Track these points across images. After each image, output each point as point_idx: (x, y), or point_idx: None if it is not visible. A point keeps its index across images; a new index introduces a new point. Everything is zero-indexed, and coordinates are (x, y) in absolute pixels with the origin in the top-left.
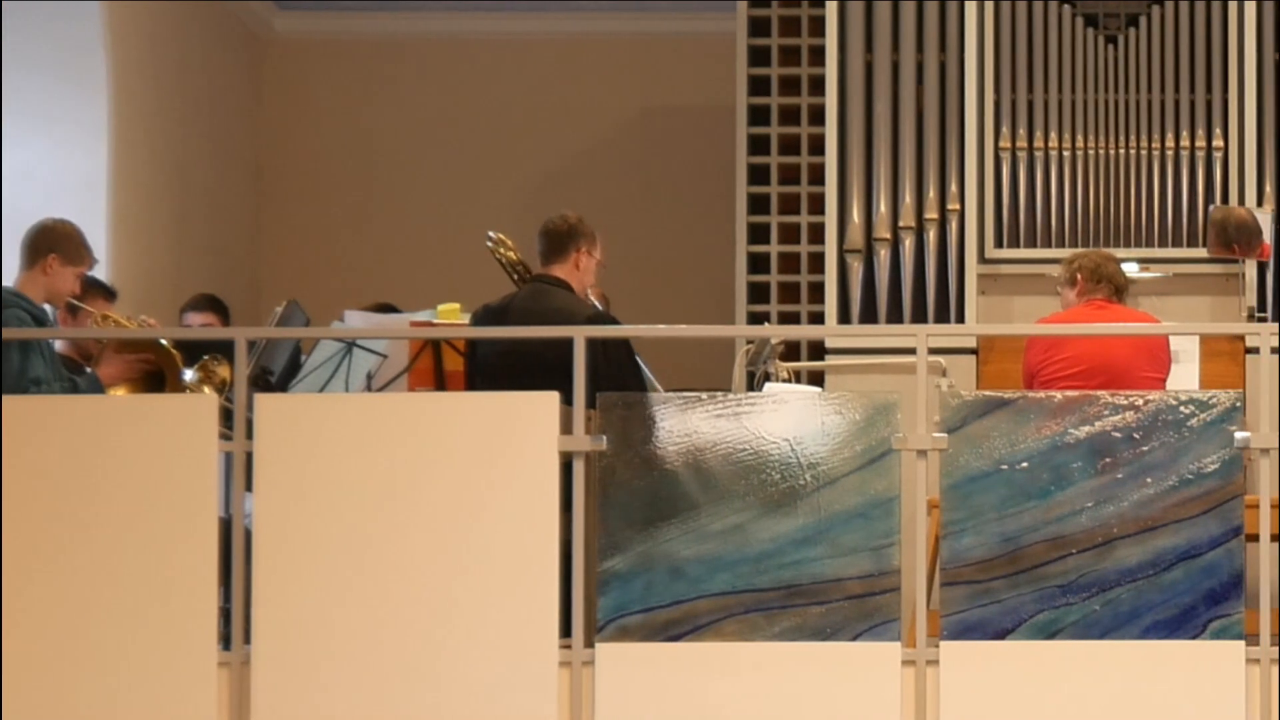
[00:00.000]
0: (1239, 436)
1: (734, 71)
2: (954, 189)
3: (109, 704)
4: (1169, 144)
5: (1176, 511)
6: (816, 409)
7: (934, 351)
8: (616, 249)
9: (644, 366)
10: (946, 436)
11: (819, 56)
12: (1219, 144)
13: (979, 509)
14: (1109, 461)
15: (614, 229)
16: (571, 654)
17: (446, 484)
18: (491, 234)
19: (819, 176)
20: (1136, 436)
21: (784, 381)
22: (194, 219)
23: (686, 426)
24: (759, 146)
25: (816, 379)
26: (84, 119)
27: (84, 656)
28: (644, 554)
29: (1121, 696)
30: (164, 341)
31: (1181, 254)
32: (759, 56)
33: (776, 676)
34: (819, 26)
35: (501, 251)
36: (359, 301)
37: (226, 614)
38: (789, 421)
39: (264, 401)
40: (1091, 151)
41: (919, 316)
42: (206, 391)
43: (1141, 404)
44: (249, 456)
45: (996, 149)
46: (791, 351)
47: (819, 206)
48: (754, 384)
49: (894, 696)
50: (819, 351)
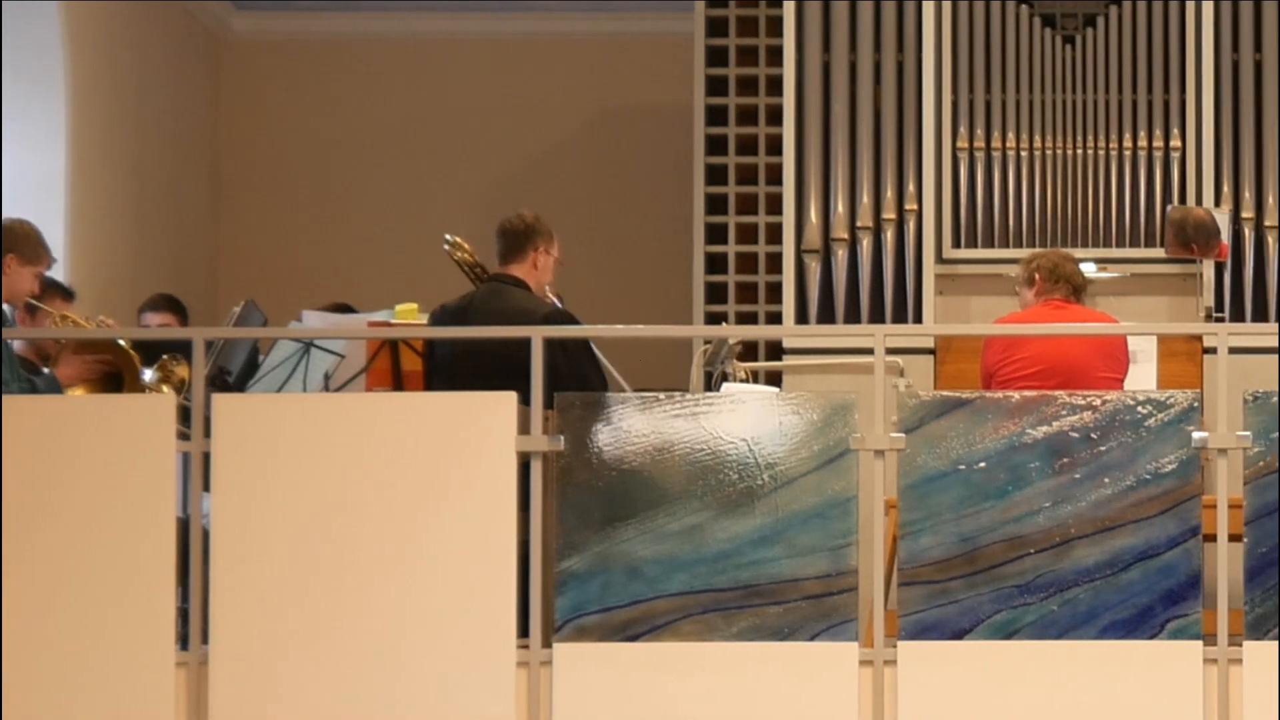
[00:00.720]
0: (1196, 436)
1: (691, 72)
2: (911, 189)
3: (67, 704)
4: (1127, 144)
5: (1134, 511)
6: (774, 409)
7: (891, 351)
8: (574, 249)
9: (605, 362)
10: (904, 436)
11: (776, 57)
12: (1176, 144)
13: (936, 509)
14: (1067, 462)
15: (572, 229)
16: (529, 654)
17: (404, 484)
18: (448, 236)
19: (776, 177)
20: (1094, 436)
21: (741, 382)
22: (152, 219)
23: (644, 427)
24: (716, 147)
25: (774, 379)
26: (42, 119)
27: (42, 656)
28: (601, 554)
29: (1079, 696)
30: (122, 342)
31: (1139, 254)
32: (716, 57)
33: (734, 676)
34: (776, 27)
35: (458, 254)
36: (317, 301)
37: (184, 614)
38: (746, 422)
39: (221, 401)
40: (1049, 152)
41: (876, 317)
42: (165, 391)
43: (1099, 404)
44: (206, 456)
45: (954, 149)
46: (749, 351)
47: (776, 207)
48: (711, 384)
49: (851, 696)
50: (777, 351)
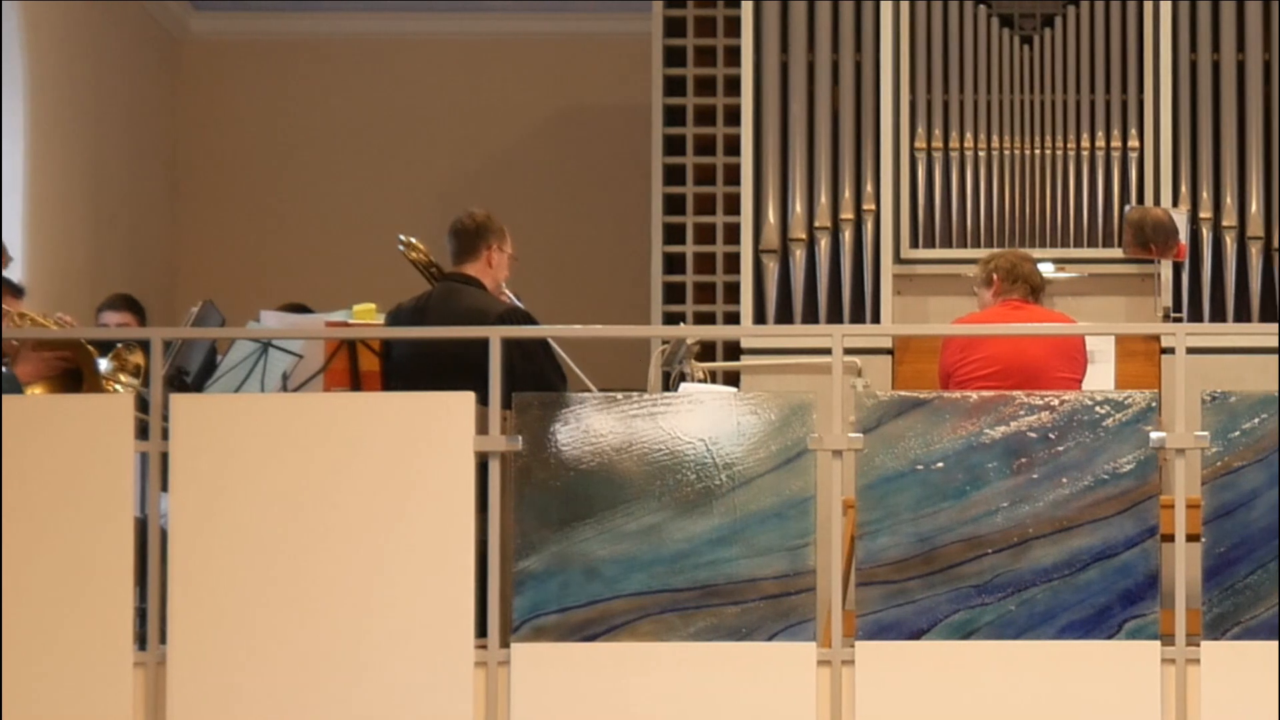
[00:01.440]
0: (1154, 436)
1: (649, 72)
2: (869, 189)
3: (25, 703)
4: (1084, 144)
5: (1092, 511)
6: (732, 409)
7: (849, 352)
8: (532, 249)
9: (566, 359)
10: (862, 436)
11: (734, 57)
12: (1134, 144)
13: (894, 509)
14: (1024, 462)
15: (529, 229)
16: (487, 654)
17: (362, 484)
18: (402, 237)
19: (734, 177)
20: (1052, 436)
21: (699, 382)
22: (110, 218)
23: (602, 427)
24: (674, 147)
25: (732, 379)
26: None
27: None
28: (559, 554)
29: (1037, 696)
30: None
31: (1097, 254)
32: (674, 57)
33: (692, 676)
34: (734, 27)
35: (413, 254)
36: (275, 302)
37: (142, 614)
38: (704, 422)
39: (179, 402)
40: (1007, 152)
41: (834, 317)
42: (123, 379)
43: (1057, 404)
44: (164, 457)
45: (912, 149)
46: (707, 352)
47: (734, 207)
48: (669, 384)
49: (809, 696)
50: (735, 352)
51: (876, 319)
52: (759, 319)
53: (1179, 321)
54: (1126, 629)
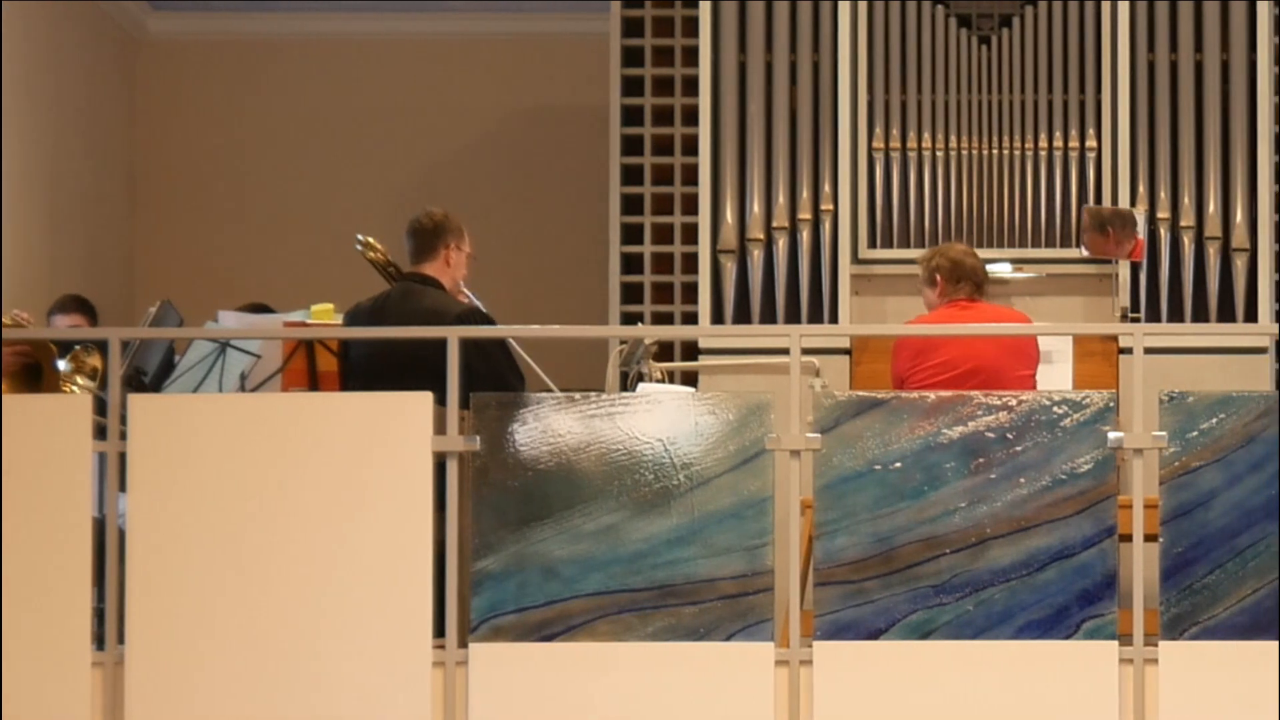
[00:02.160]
0: (1112, 437)
1: (607, 72)
2: (827, 189)
3: None
4: (1042, 144)
5: (1050, 511)
6: (690, 409)
7: (807, 352)
8: (490, 249)
9: (526, 359)
10: (820, 437)
11: (692, 57)
12: (1092, 144)
13: (852, 509)
14: (982, 462)
15: (488, 230)
16: (445, 654)
17: (320, 484)
18: (360, 237)
19: (692, 177)
20: (1010, 437)
21: (657, 382)
22: (67, 218)
23: (560, 427)
24: (632, 147)
25: (690, 379)
26: None
27: None
28: (517, 554)
29: (995, 696)
30: None
31: (1055, 254)
32: (632, 57)
33: (650, 676)
34: (692, 27)
35: (371, 254)
36: (233, 302)
37: (100, 614)
38: (662, 422)
39: (137, 402)
40: (965, 152)
41: (792, 317)
42: (80, 381)
43: (1015, 404)
44: (122, 457)
45: (870, 149)
46: (665, 352)
47: (692, 207)
48: (627, 384)
49: (767, 696)
50: (693, 352)
51: (834, 319)
52: (717, 319)
53: (1137, 322)
54: (1084, 629)
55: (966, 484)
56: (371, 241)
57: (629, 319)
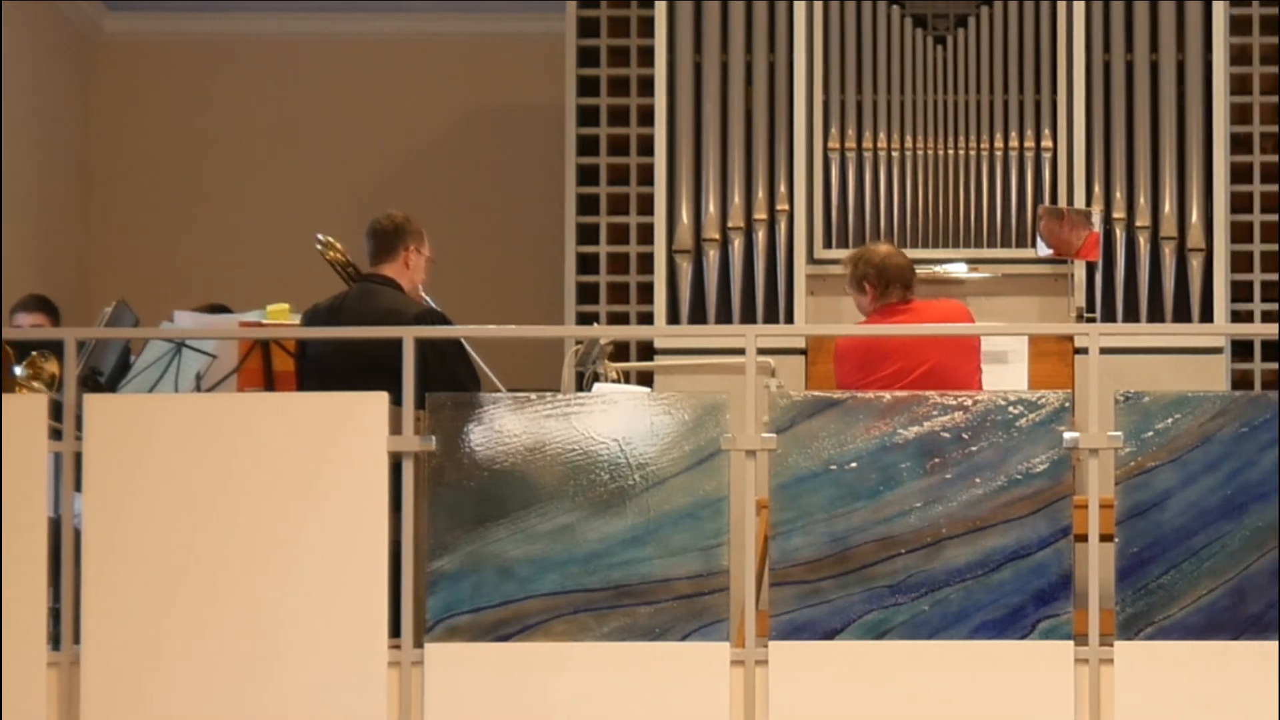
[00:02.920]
0: (1068, 437)
1: (563, 72)
2: (783, 189)
3: None
4: (998, 144)
5: (1005, 512)
6: (645, 409)
7: (763, 352)
8: (446, 250)
9: (479, 362)
10: (775, 437)
11: (648, 57)
12: (1048, 144)
13: (808, 509)
14: (938, 462)
15: (443, 230)
16: (400, 654)
17: (276, 484)
18: (320, 236)
19: (648, 177)
20: (965, 437)
21: (613, 382)
22: (22, 219)
23: (516, 427)
24: (588, 147)
25: (645, 379)
26: None
27: None
28: (473, 554)
29: (951, 696)
30: None
31: (1011, 254)
32: (588, 57)
33: (605, 676)
34: (648, 27)
35: (330, 254)
36: (189, 302)
37: (56, 614)
38: (618, 422)
39: (93, 402)
40: (920, 152)
41: (748, 317)
42: (36, 386)
43: (970, 404)
44: (78, 456)
45: (825, 149)
46: (620, 352)
47: (648, 207)
48: (583, 384)
49: (723, 696)
50: (648, 352)
51: (790, 319)
52: (672, 319)
53: (1092, 322)
54: (1040, 629)
55: (922, 484)
56: (331, 241)
57: (585, 319)
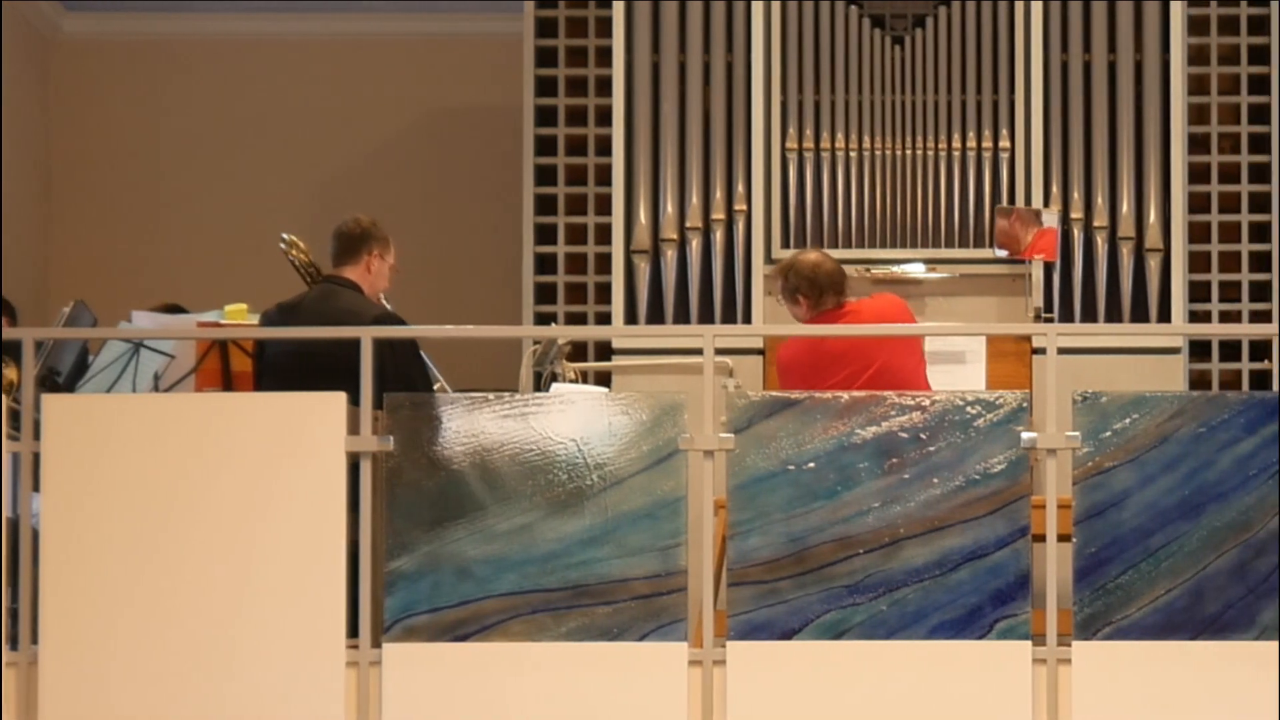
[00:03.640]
0: (1025, 437)
1: (521, 73)
2: (740, 190)
3: None
4: (955, 145)
5: (963, 512)
6: (603, 409)
7: (720, 352)
8: (404, 250)
9: (430, 365)
10: (733, 437)
11: (606, 58)
12: (1005, 145)
13: (766, 509)
14: (896, 462)
15: (401, 230)
16: (359, 654)
17: (234, 484)
18: (285, 235)
19: (606, 177)
20: (923, 437)
21: (571, 382)
22: None
23: (473, 427)
24: (546, 147)
25: (603, 379)
26: None
27: None
28: (431, 554)
29: (909, 696)
30: None
31: (968, 254)
32: (546, 57)
33: (563, 676)
34: (606, 28)
35: (294, 254)
36: (148, 302)
37: (14, 614)
38: (576, 422)
39: (51, 402)
40: (878, 152)
41: (706, 317)
42: None
43: (928, 404)
44: (36, 457)
45: (783, 150)
46: (578, 352)
47: (606, 207)
48: (541, 384)
49: (681, 696)
50: (606, 352)
51: (748, 319)
52: (630, 319)
53: (1050, 322)
54: (998, 629)
55: (880, 484)
56: (295, 241)
57: (542, 319)
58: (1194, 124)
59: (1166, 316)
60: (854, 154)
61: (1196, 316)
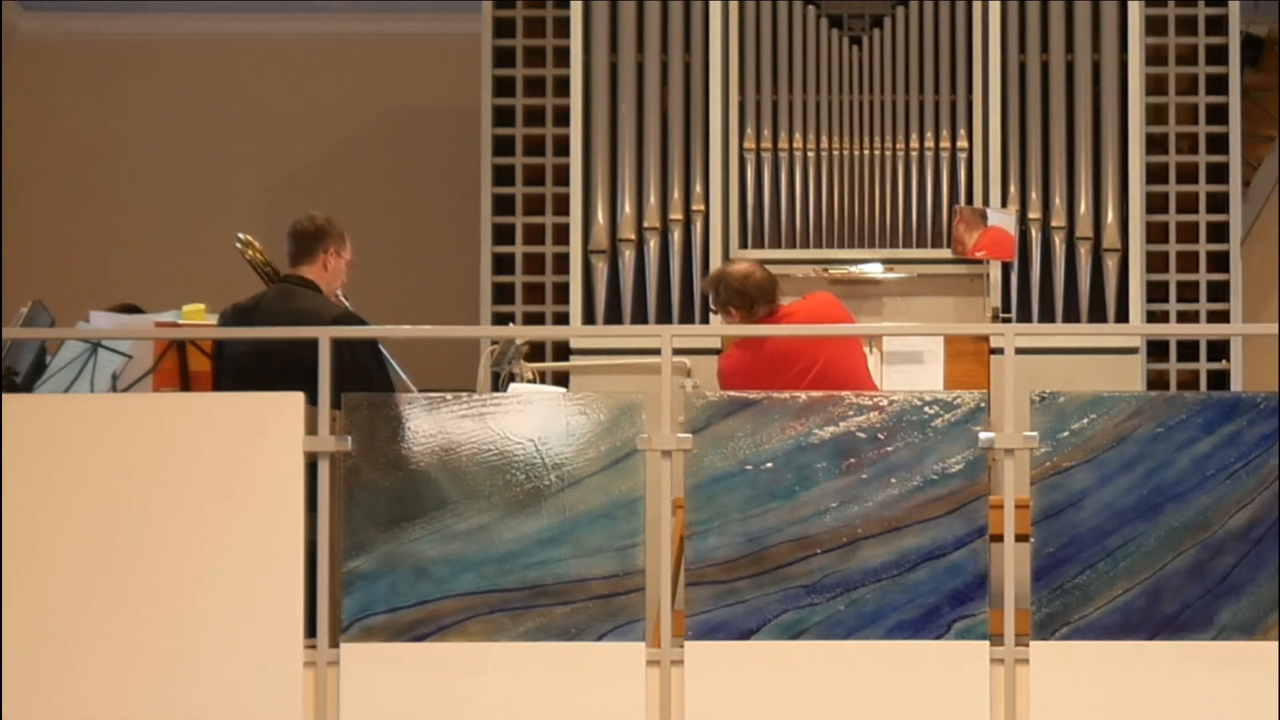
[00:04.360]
0: (983, 437)
1: (478, 73)
2: (698, 190)
3: None
4: (913, 145)
5: (921, 512)
6: (561, 409)
7: (678, 352)
8: (362, 249)
9: (393, 363)
10: (691, 437)
11: (564, 58)
12: (963, 145)
13: (723, 509)
14: (853, 462)
15: (359, 229)
16: (316, 654)
17: (191, 484)
18: (240, 235)
19: (564, 177)
20: (881, 437)
21: (529, 382)
22: None
23: (431, 427)
24: (504, 147)
25: (561, 379)
26: None
27: None
28: (389, 554)
29: (866, 696)
30: None
31: (926, 254)
32: (504, 57)
33: (521, 676)
34: (564, 28)
35: (250, 253)
36: (106, 302)
37: None
38: (534, 422)
39: (9, 402)
40: (836, 152)
41: (664, 317)
42: None
43: (886, 404)
44: None
45: (741, 150)
46: (536, 352)
47: (564, 207)
48: (499, 384)
49: (638, 696)
50: (564, 352)
51: (706, 320)
52: (588, 319)
53: (1008, 322)
54: (955, 629)
55: (838, 484)
56: (251, 240)
57: (500, 319)
58: (1152, 124)
59: (1124, 316)
60: (812, 154)
61: (1154, 316)
